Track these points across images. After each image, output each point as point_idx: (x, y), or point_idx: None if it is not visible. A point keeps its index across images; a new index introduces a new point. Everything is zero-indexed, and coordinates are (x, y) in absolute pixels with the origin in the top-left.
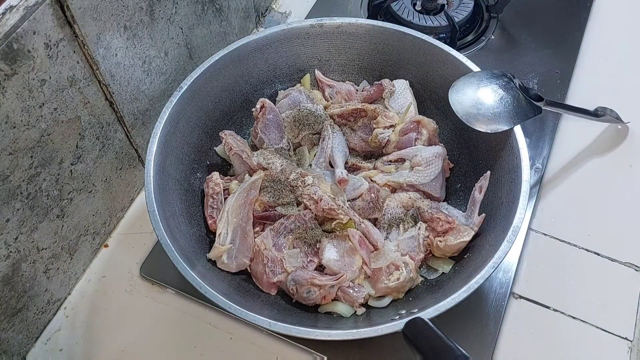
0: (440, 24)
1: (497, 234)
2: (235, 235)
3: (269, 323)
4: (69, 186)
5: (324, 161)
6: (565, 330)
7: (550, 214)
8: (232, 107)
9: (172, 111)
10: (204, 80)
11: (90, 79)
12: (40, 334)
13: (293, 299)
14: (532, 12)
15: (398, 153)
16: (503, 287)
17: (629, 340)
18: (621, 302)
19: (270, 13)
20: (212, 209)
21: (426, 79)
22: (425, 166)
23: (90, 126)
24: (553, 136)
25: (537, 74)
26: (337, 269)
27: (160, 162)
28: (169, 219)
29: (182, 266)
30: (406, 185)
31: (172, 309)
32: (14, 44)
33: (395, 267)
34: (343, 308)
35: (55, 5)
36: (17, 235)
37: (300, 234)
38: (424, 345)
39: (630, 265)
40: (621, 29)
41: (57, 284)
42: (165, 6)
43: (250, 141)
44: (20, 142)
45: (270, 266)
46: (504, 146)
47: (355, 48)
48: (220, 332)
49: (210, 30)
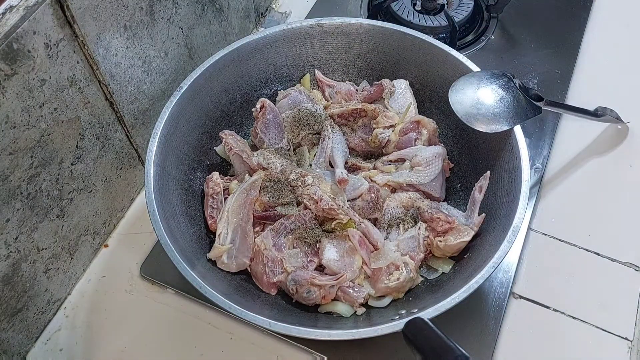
0: (440, 24)
1: (497, 234)
2: (235, 235)
3: (269, 323)
4: (69, 186)
5: (324, 161)
6: (565, 330)
7: (550, 214)
8: (232, 107)
9: (172, 111)
10: (204, 80)
11: (90, 79)
12: (40, 334)
13: (293, 299)
14: (532, 12)
15: (398, 153)
16: (503, 287)
17: (629, 340)
18: (621, 302)
19: (270, 13)
20: (212, 209)
21: (426, 79)
22: (425, 166)
23: (91, 126)
24: (553, 136)
25: (537, 74)
26: (337, 269)
27: (160, 162)
28: (169, 219)
29: (182, 266)
30: (406, 185)
31: (172, 309)
32: (14, 44)
33: (395, 267)
34: (343, 308)
35: (55, 5)
36: (17, 235)
37: (300, 234)
38: (424, 345)
39: (630, 265)
40: (621, 29)
41: (57, 284)
42: (165, 6)
43: (250, 141)
44: (20, 142)
45: (270, 266)
46: (504, 146)
47: (355, 48)
48: (220, 332)
49: (210, 30)
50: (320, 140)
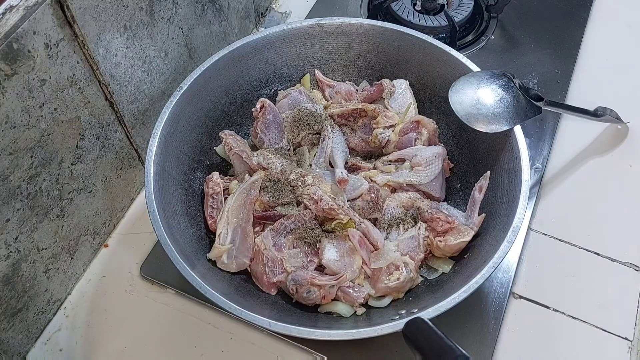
0: (440, 24)
1: (497, 234)
2: (235, 235)
3: (269, 323)
4: (69, 186)
5: (324, 161)
6: (565, 330)
7: (550, 214)
8: (232, 107)
9: (172, 111)
10: (204, 81)
11: (90, 79)
12: (40, 334)
13: (293, 299)
14: (532, 12)
15: (398, 153)
16: (503, 287)
17: (629, 340)
18: (621, 302)
19: (270, 13)
20: (212, 209)
21: (426, 79)
22: (425, 166)
23: (91, 126)
24: (553, 136)
25: (537, 74)
26: (337, 269)
27: (160, 162)
28: (169, 219)
29: (182, 267)
30: (406, 185)
31: (172, 309)
32: (14, 44)
33: (395, 267)
34: (343, 308)
35: (55, 5)
36: (17, 235)
37: (300, 233)
38: (424, 345)
39: (630, 265)
40: (621, 29)
41: (57, 284)
42: (165, 6)
43: (250, 141)
44: (20, 142)
45: (270, 266)
46: (504, 146)
47: (355, 48)
48: (220, 332)
49: (210, 30)
50: (320, 140)
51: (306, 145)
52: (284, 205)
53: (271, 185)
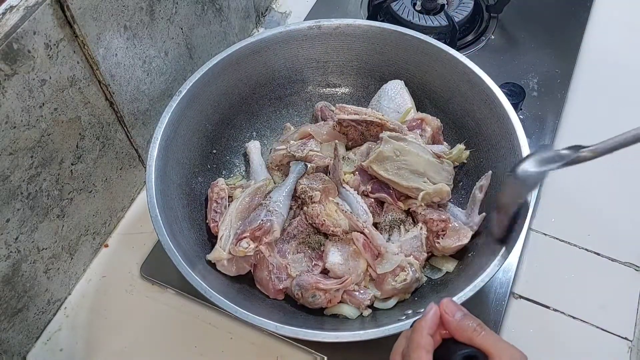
0: (440, 23)
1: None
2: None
3: (276, 326)
4: (69, 186)
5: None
6: (565, 330)
7: (550, 214)
8: (232, 110)
9: (171, 116)
10: (202, 84)
11: (90, 79)
12: (41, 334)
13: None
14: (532, 12)
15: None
16: (503, 287)
17: (629, 340)
18: (621, 302)
19: (270, 13)
20: (216, 213)
21: (426, 79)
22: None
23: (91, 126)
24: (553, 136)
25: (537, 74)
26: (342, 272)
27: (162, 167)
28: (172, 223)
29: (186, 271)
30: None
31: (172, 309)
32: (14, 44)
33: (401, 269)
34: (349, 310)
35: (55, 5)
36: (17, 235)
37: (303, 238)
38: None
39: (630, 265)
40: (621, 29)
41: (57, 284)
42: (165, 6)
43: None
44: (20, 142)
45: (276, 273)
46: (505, 146)
47: (354, 49)
48: (220, 332)
49: (210, 30)
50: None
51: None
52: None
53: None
